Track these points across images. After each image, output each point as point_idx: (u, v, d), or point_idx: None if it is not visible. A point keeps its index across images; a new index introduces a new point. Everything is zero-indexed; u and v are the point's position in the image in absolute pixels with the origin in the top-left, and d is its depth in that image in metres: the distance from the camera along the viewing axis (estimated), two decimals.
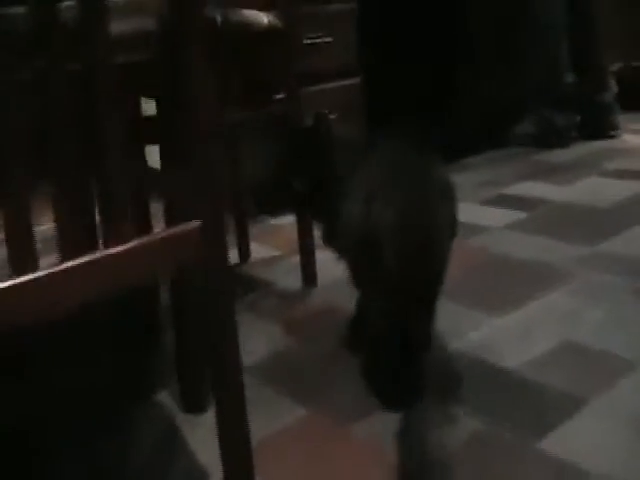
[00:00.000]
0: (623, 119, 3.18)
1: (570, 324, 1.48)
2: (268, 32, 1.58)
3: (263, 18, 1.58)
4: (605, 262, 1.77)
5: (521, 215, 2.19)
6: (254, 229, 2.20)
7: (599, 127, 3.11)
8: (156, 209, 1.35)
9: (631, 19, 3.46)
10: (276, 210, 2.37)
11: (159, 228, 0.95)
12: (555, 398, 1.23)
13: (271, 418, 1.25)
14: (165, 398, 1.35)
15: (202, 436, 1.19)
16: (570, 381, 1.27)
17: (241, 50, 1.55)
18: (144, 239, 0.84)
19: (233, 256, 2.06)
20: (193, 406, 1.28)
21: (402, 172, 1.25)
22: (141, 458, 1.17)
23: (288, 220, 2.08)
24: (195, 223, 0.88)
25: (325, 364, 1.43)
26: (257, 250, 2.10)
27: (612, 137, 3.09)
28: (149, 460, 1.17)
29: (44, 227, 0.91)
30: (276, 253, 2.09)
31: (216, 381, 0.97)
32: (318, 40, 2.42)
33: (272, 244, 2.16)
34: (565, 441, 1.11)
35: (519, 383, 1.29)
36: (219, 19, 1.45)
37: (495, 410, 1.21)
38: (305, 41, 2.37)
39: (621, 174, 2.54)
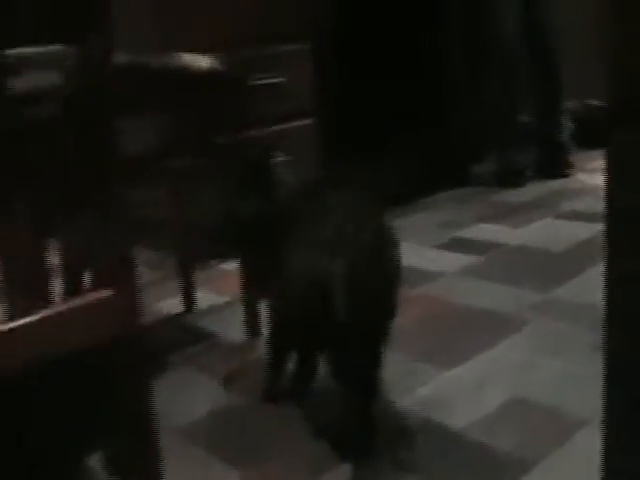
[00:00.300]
0: (578, 157, 3.18)
1: (522, 378, 1.42)
2: (208, 75, 1.53)
3: (202, 62, 1.53)
4: (559, 310, 1.72)
5: (475, 260, 2.15)
6: (201, 274, 2.12)
7: (555, 166, 3.11)
8: None
9: (587, 56, 3.46)
10: (225, 253, 2.29)
11: None
12: (504, 461, 1.17)
13: None
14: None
15: None
16: (519, 442, 1.21)
17: (182, 93, 1.49)
18: (50, 310, 0.77)
19: (177, 305, 1.98)
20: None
21: (349, 220, 1.19)
22: None
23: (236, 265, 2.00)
24: (107, 292, 0.81)
25: (265, 422, 1.35)
26: (202, 297, 2.02)
27: (567, 176, 3.08)
28: None
29: None
30: (221, 300, 2.01)
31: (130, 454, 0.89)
32: (270, 81, 2.36)
33: (218, 290, 2.08)
34: None
35: (467, 444, 1.23)
36: (155, 65, 1.40)
37: (442, 472, 1.15)
38: (256, 82, 2.31)
39: (576, 215, 2.51)
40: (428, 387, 1.42)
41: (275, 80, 2.38)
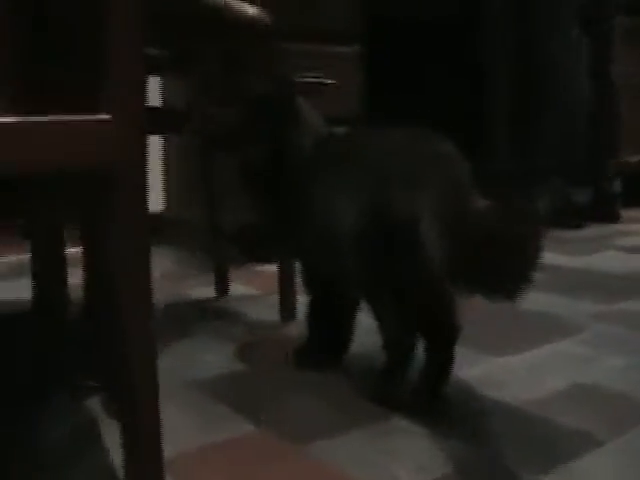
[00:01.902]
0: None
1: (582, 368, 1.26)
2: (252, 23, 1.44)
3: (249, 8, 1.45)
4: (621, 318, 1.56)
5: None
6: (236, 273, 2.00)
7: (605, 212, 2.98)
8: None
9: None
10: (261, 256, 2.18)
11: None
12: (564, 435, 1.01)
13: (215, 431, 1.03)
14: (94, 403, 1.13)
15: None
16: (581, 420, 1.05)
17: (222, 34, 1.40)
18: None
19: (209, 291, 1.86)
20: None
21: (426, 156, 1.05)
22: (47, 453, 0.95)
23: (272, 267, 1.88)
24: (106, 115, 0.69)
25: (287, 387, 1.21)
26: (236, 289, 1.89)
27: (615, 222, 3.00)
28: (55, 456, 0.95)
29: None
30: (256, 292, 1.88)
31: (126, 378, 0.76)
32: (315, 79, 2.28)
33: (253, 285, 1.95)
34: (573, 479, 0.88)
35: (523, 418, 1.07)
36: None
37: (493, 440, 0.99)
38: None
39: (636, 249, 2.35)
40: (481, 368, 1.26)
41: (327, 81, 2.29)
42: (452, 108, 2.62)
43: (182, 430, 1.03)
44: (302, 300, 1.37)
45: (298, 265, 1.37)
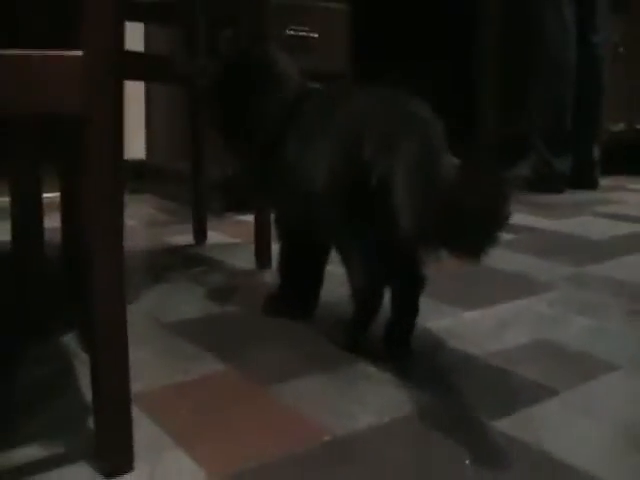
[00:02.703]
0: (622, 180, 3.14)
1: (548, 326, 1.29)
2: None
3: None
4: (593, 281, 1.58)
5: (509, 237, 2.02)
6: (214, 222, 2.02)
7: (584, 179, 3.03)
8: None
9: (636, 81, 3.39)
10: (241, 206, 2.20)
11: None
12: (523, 385, 1.04)
13: (184, 370, 1.06)
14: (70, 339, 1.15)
15: None
16: (541, 373, 1.08)
17: None
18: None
19: (188, 239, 1.88)
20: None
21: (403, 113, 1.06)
22: (23, 390, 0.98)
23: (249, 217, 1.90)
24: (76, 52, 0.69)
25: (257, 331, 1.23)
26: (214, 237, 1.91)
27: (593, 189, 3.03)
28: (31, 393, 0.97)
29: None
30: (233, 241, 1.90)
31: (96, 310, 0.77)
32: (302, 33, 2.28)
33: (230, 234, 1.97)
34: (528, 424, 0.92)
35: (485, 368, 1.09)
36: None
37: (447, 386, 1.02)
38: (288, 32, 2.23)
39: (616, 217, 2.38)
40: (446, 321, 1.29)
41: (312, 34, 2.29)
42: (438, 73, 2.63)
43: (153, 369, 1.06)
44: (277, 249, 1.39)
45: (273, 215, 1.39)
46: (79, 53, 0.70)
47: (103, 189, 0.75)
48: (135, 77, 1.86)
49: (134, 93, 2.59)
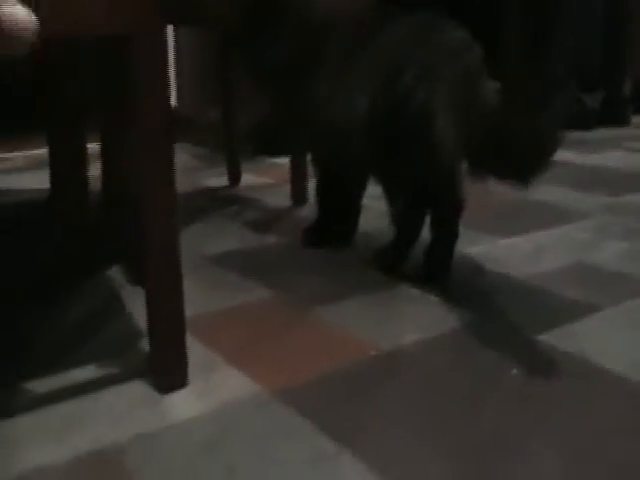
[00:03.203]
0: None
1: (585, 250, 1.30)
2: None
3: None
4: (627, 210, 1.58)
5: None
6: (248, 165, 2.03)
7: (616, 115, 2.98)
8: None
9: None
10: (276, 151, 2.20)
11: None
12: (564, 303, 1.05)
13: (230, 297, 1.08)
14: (115, 273, 1.18)
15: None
16: (581, 292, 1.09)
17: None
18: None
19: (222, 181, 1.90)
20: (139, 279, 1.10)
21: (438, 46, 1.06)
22: (73, 321, 1.01)
23: (283, 160, 1.91)
24: None
25: (301, 259, 1.26)
26: (248, 179, 1.93)
27: (625, 126, 2.97)
28: (83, 324, 1.00)
29: None
30: (268, 181, 1.92)
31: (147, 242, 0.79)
32: None
33: (265, 176, 1.99)
34: (572, 337, 0.93)
35: (525, 290, 1.11)
36: None
37: (490, 305, 1.04)
38: None
39: None
40: (484, 247, 1.30)
41: None
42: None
43: (200, 296, 1.08)
44: (313, 186, 1.40)
45: (310, 153, 1.40)
46: None
47: (155, 119, 0.77)
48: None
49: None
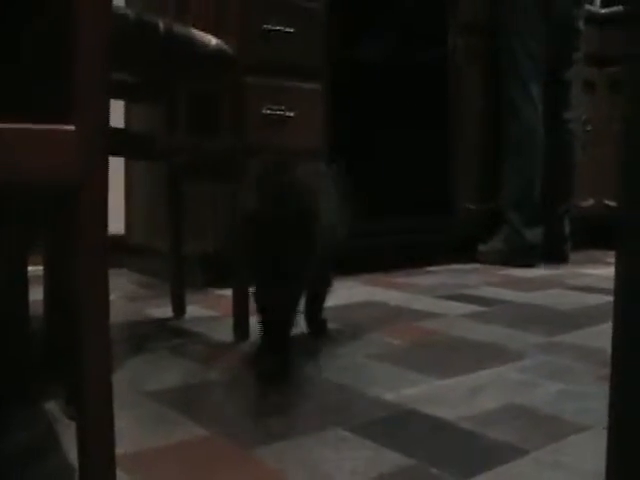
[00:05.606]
0: (592, 254, 3.25)
1: (518, 391, 1.33)
2: (215, 54, 1.51)
3: (211, 39, 1.52)
4: (563, 349, 1.63)
5: (481, 309, 2.07)
6: (193, 296, 2.05)
7: (555, 253, 3.14)
8: None
9: (603, 158, 3.51)
10: (221, 281, 2.24)
11: None
12: (493, 445, 1.07)
13: (167, 434, 1.08)
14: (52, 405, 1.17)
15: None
16: (512, 435, 1.11)
17: (185, 65, 1.47)
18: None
19: (167, 312, 1.91)
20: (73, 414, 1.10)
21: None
22: (8, 456, 0.99)
23: (227, 292, 1.94)
24: (69, 126, 0.74)
25: (241, 397, 1.26)
26: (193, 310, 1.94)
27: (564, 263, 3.13)
28: (15, 457, 0.98)
29: None
30: (212, 314, 1.93)
31: (81, 377, 0.80)
32: (279, 112, 2.36)
33: (209, 308, 2.01)
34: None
35: (454, 430, 1.13)
36: (161, 26, 1.38)
37: (422, 449, 1.05)
38: (265, 111, 2.32)
39: (586, 289, 2.44)
40: (417, 389, 1.32)
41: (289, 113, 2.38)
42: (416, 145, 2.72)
43: (134, 433, 1.08)
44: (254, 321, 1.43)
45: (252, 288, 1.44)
46: (72, 127, 0.74)
47: (93, 262, 0.79)
48: (116, 153, 1.91)
49: (113, 169, 2.64)
